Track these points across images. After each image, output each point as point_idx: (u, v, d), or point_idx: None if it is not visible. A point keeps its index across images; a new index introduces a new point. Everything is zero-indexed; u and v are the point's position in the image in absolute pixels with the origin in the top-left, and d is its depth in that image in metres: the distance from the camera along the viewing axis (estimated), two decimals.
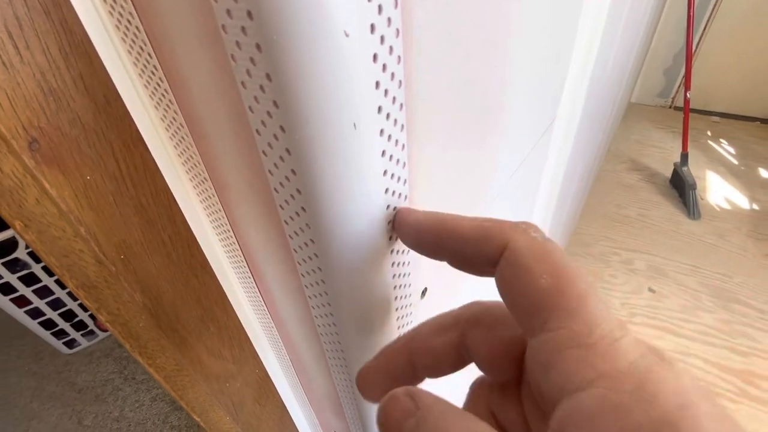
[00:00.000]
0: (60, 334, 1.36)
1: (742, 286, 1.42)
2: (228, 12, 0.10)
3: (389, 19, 0.12)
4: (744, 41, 2.23)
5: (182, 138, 0.16)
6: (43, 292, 1.24)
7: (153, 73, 0.14)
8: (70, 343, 1.40)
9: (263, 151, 0.13)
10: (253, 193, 0.15)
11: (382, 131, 0.13)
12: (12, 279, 1.16)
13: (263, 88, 0.11)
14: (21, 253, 1.14)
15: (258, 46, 0.10)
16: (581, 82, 0.51)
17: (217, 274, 0.22)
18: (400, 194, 0.16)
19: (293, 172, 0.12)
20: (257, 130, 0.13)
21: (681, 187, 1.83)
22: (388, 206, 0.15)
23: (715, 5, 2.23)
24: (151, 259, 0.19)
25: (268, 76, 0.11)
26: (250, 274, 0.21)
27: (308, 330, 0.21)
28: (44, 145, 0.14)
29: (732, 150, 2.16)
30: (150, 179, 0.17)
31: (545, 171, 0.45)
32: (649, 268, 1.52)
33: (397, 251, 0.17)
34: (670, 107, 2.61)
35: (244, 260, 0.20)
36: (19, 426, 1.21)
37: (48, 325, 1.31)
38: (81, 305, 1.34)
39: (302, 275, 0.17)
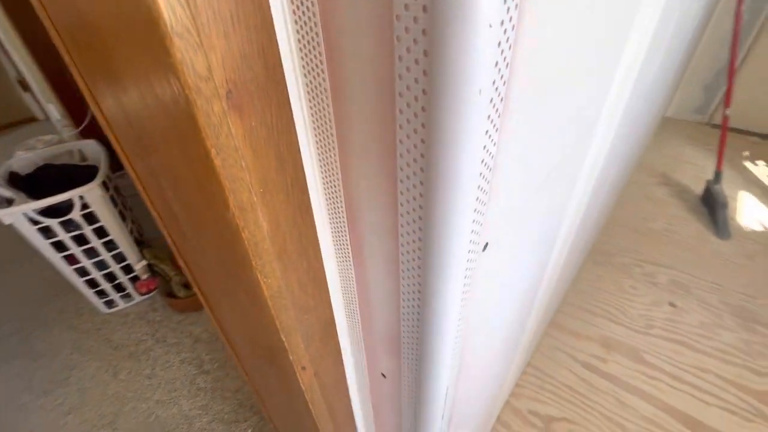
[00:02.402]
0: (101, 293, 1.46)
1: (766, 308, 1.40)
2: (405, 6, 0.15)
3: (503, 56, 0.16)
4: None
5: (321, 101, 0.21)
6: (91, 253, 1.34)
7: (313, 48, 0.19)
8: (109, 303, 1.50)
9: (401, 109, 0.18)
10: (378, 146, 0.20)
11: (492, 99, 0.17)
12: (65, 238, 1.26)
13: (417, 61, 0.16)
14: (75, 215, 1.24)
15: (423, 31, 0.15)
16: (624, 90, 0.53)
17: (315, 220, 0.27)
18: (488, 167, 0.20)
19: (422, 127, 0.17)
20: (400, 93, 0.17)
21: (712, 206, 1.80)
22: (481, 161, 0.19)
23: (763, 23, 2.16)
24: (277, 197, 0.24)
25: (425, 52, 0.15)
26: (345, 221, 0.26)
27: (391, 271, 0.26)
28: (234, 95, 0.19)
29: None
30: (289, 133, 0.22)
31: (584, 168, 0.48)
32: (672, 283, 1.52)
33: (478, 200, 0.21)
34: (707, 124, 2.55)
35: (343, 206, 0.25)
36: (62, 373, 1.32)
37: (91, 284, 1.41)
38: (123, 268, 1.44)
39: (401, 215, 0.22)
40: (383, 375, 0.38)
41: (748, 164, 2.17)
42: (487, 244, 0.26)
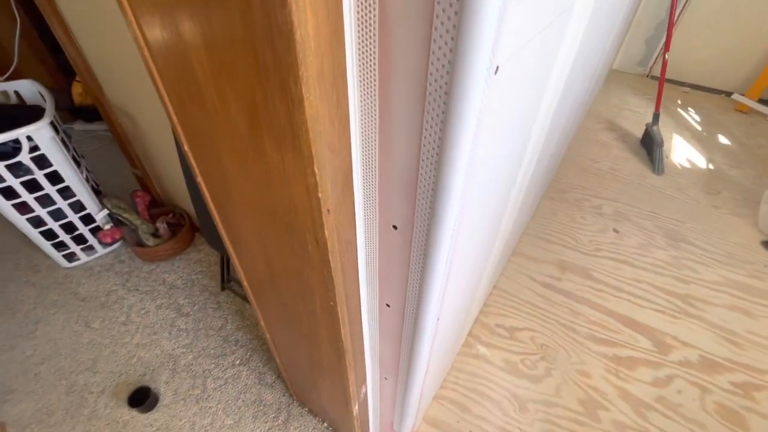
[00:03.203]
0: (60, 246, 1.38)
1: (691, 230, 1.62)
2: None
3: None
4: (720, 19, 2.36)
5: None
6: (45, 201, 1.26)
7: None
8: (70, 257, 1.43)
9: None
10: None
11: None
12: (14, 183, 1.16)
13: None
14: (24, 157, 1.14)
15: None
16: (579, 32, 0.59)
17: (346, 52, 0.30)
18: None
19: None
20: None
21: (650, 146, 2.00)
22: None
23: None
24: (319, 11, 0.26)
25: None
26: (376, 44, 0.29)
27: (416, 96, 0.30)
28: None
29: (698, 118, 2.34)
30: None
31: (542, 106, 0.54)
32: (615, 213, 1.70)
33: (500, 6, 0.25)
34: (647, 76, 2.76)
35: (376, 23, 0.28)
36: (26, 328, 1.26)
37: (48, 235, 1.33)
38: (82, 219, 1.36)
39: (437, 15, 0.25)
40: (394, 227, 0.42)
41: (680, 111, 2.40)
42: (498, 67, 0.30)
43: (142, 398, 1.05)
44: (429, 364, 0.69)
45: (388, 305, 0.55)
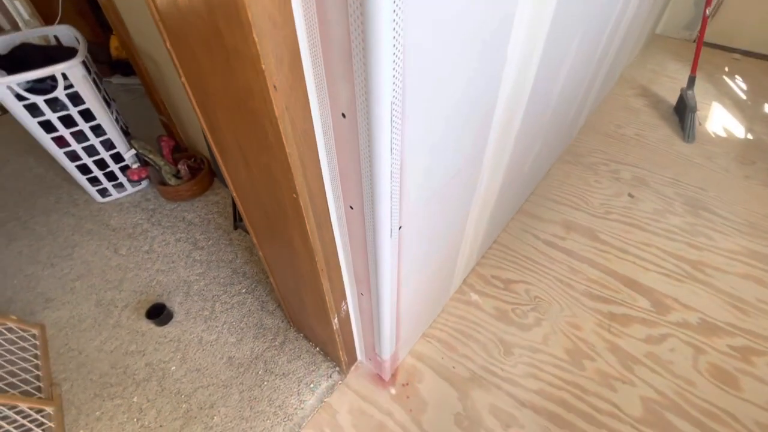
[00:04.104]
0: (94, 181, 1.52)
1: (714, 198, 1.53)
2: None
3: None
4: None
5: None
6: (80, 137, 1.38)
7: None
8: (103, 192, 1.57)
9: None
10: None
11: None
12: (53, 118, 1.28)
13: None
14: (60, 93, 1.26)
15: None
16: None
17: None
18: None
19: None
20: None
21: (682, 112, 1.88)
22: None
23: None
24: None
25: None
26: None
27: None
28: None
29: (744, 86, 2.16)
30: None
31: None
32: (634, 178, 1.64)
33: None
34: (694, 41, 2.55)
35: None
36: (65, 250, 1.42)
37: (83, 170, 1.47)
38: (113, 157, 1.49)
39: None
40: (343, 115, 0.46)
41: (725, 78, 2.22)
42: None
43: (158, 313, 1.17)
44: (400, 280, 0.73)
45: (351, 207, 0.59)
